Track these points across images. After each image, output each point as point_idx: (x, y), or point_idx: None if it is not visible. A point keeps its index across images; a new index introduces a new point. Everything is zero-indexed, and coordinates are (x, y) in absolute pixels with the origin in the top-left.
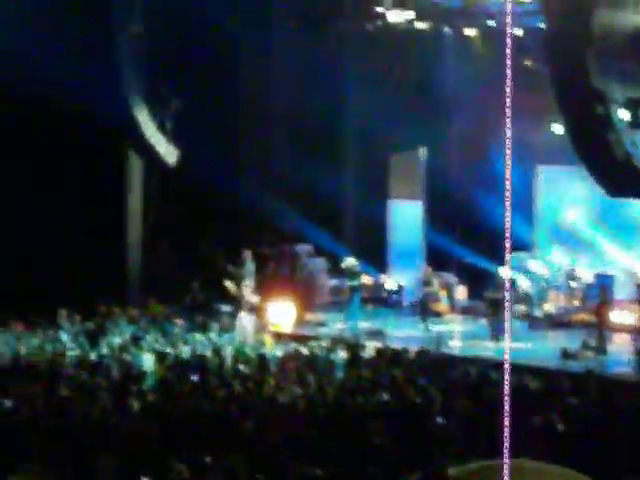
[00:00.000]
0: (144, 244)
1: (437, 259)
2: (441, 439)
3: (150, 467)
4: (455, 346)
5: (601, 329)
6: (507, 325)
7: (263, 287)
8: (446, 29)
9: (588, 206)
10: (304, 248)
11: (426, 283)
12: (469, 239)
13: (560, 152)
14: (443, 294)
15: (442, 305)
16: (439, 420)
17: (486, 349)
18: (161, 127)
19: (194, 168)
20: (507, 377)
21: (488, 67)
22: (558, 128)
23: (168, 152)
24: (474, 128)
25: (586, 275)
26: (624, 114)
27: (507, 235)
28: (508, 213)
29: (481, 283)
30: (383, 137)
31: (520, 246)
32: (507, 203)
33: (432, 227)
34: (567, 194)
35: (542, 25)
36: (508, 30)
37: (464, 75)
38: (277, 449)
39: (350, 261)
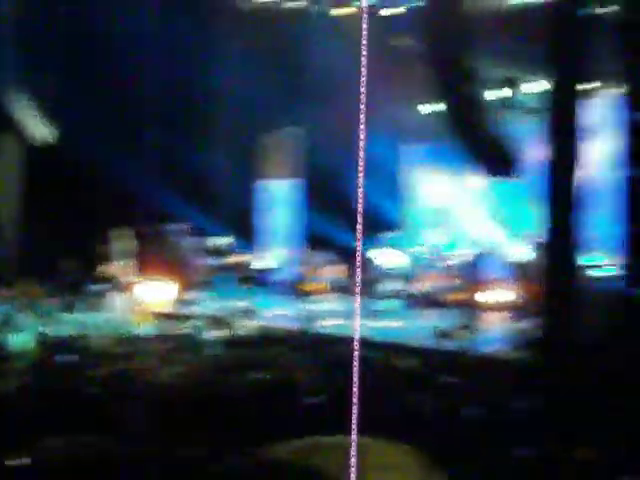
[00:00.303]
0: (17, 224)
1: (313, 239)
2: (315, 418)
3: (22, 448)
4: (330, 325)
5: (475, 308)
6: (357, 304)
7: (136, 266)
8: (316, 8)
9: (461, 186)
10: (178, 227)
11: (301, 262)
12: (345, 219)
13: (430, 132)
14: (318, 273)
15: (317, 284)
16: (313, 399)
17: (361, 328)
18: (35, 105)
19: (68, 147)
20: (357, 354)
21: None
22: (426, 107)
23: (42, 131)
24: (349, 109)
25: (460, 254)
26: (498, 94)
27: (360, 210)
28: (360, 183)
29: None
30: (257, 117)
31: (393, 225)
32: (360, 177)
33: (308, 207)
34: (439, 174)
35: (417, 4)
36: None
37: (338, 56)
38: (151, 429)
39: (224, 240)
